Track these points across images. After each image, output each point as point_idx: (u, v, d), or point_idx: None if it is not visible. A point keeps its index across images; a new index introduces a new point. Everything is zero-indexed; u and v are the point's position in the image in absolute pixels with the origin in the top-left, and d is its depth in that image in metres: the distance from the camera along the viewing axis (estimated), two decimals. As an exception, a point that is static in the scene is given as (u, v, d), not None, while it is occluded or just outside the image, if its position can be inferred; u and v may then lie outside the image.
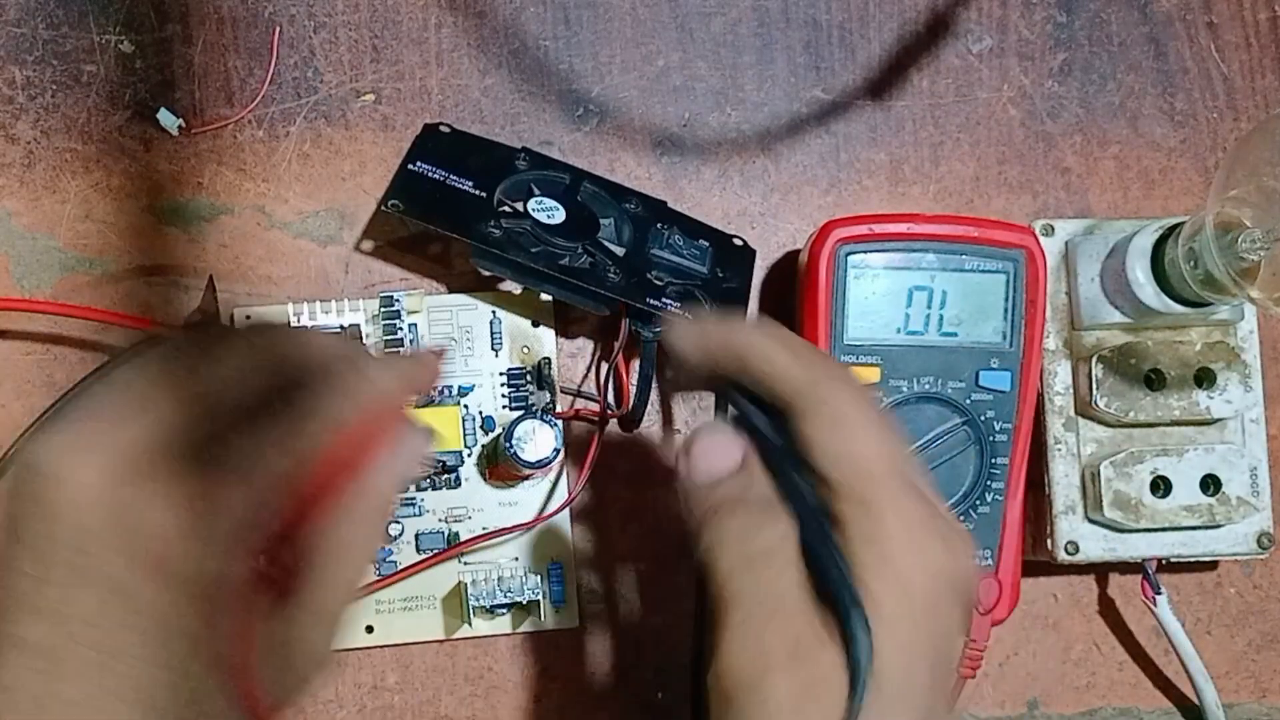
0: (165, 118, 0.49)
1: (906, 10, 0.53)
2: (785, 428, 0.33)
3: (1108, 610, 0.52)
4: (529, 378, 0.49)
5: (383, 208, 0.46)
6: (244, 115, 0.50)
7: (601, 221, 0.48)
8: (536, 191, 0.48)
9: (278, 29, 0.50)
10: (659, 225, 0.49)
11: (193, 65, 0.50)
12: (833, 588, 0.31)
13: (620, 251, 0.48)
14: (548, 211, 0.48)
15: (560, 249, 0.47)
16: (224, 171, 0.49)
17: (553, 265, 0.46)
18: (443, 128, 0.50)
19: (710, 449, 0.34)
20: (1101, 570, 0.52)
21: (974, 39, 0.53)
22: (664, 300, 0.47)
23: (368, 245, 0.50)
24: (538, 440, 0.46)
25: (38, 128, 0.49)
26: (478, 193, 0.48)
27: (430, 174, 0.48)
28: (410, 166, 0.48)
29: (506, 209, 0.48)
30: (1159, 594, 0.49)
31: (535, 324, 0.49)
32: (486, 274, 0.48)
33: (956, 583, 0.31)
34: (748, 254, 0.51)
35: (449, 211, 0.46)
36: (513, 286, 0.49)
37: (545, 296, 0.48)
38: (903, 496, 0.31)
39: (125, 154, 0.49)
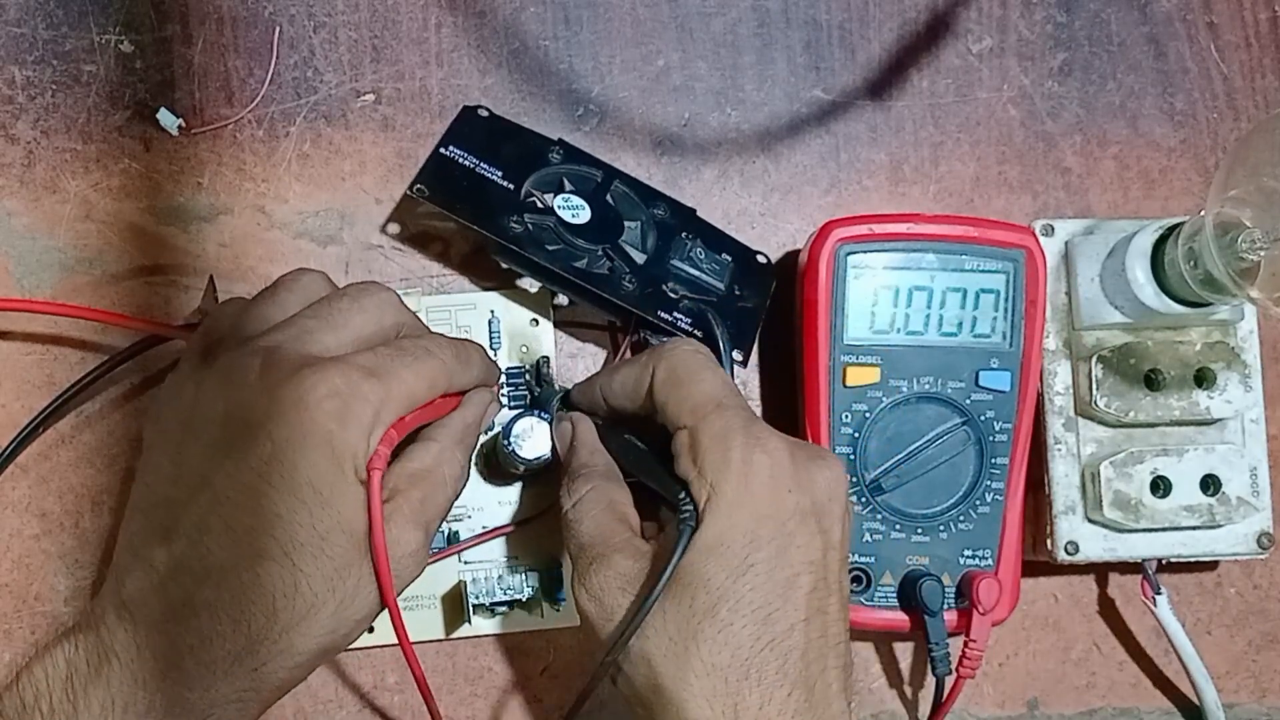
0: (165, 118, 0.49)
1: (906, 10, 0.53)
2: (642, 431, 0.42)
3: (1108, 610, 0.52)
4: (527, 376, 0.49)
5: (408, 192, 0.45)
6: (244, 115, 0.50)
7: (626, 225, 0.48)
8: (567, 187, 0.48)
9: (278, 29, 0.50)
10: (684, 235, 0.49)
11: (193, 65, 0.50)
12: (661, 487, 0.39)
13: (640, 259, 0.48)
14: (573, 210, 0.47)
15: (580, 250, 0.46)
16: (224, 171, 0.49)
17: (568, 268, 0.46)
18: (480, 110, 0.49)
19: (557, 436, 0.46)
20: (1101, 570, 0.52)
21: (974, 39, 0.53)
22: (675, 315, 0.46)
23: (394, 229, 0.50)
24: (535, 437, 0.46)
25: (38, 128, 0.49)
26: (506, 184, 0.47)
27: (461, 160, 0.47)
28: (443, 151, 0.47)
29: (534, 202, 0.47)
30: (1159, 594, 0.48)
31: (534, 322, 0.49)
32: (505, 267, 0.47)
33: (804, 485, 0.38)
34: (768, 272, 0.51)
35: (473, 202, 0.46)
36: (530, 284, 0.49)
37: (536, 289, 0.48)
38: (728, 416, 0.39)
39: (125, 154, 0.49)
